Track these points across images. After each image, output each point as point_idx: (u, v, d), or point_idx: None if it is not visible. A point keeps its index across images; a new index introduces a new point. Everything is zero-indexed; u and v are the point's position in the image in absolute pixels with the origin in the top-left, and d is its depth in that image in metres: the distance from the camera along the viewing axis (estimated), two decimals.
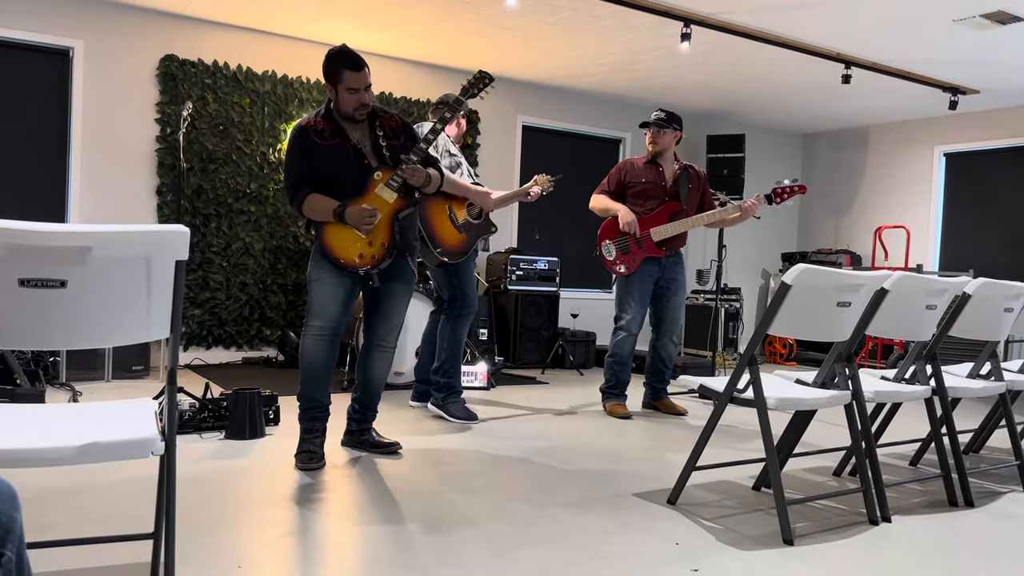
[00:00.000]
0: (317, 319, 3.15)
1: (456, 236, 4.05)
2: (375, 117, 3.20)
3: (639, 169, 4.61)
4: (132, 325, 1.72)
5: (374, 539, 2.33)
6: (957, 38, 5.57)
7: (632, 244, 4.50)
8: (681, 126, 4.63)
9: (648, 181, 4.55)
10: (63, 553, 2.11)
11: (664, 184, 4.55)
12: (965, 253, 7.82)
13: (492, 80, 3.42)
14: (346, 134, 3.12)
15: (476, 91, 3.43)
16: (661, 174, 4.57)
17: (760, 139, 8.88)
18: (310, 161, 3.09)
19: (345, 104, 3.07)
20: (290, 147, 3.13)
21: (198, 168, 5.88)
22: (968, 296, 3.04)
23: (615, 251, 4.55)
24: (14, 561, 1.09)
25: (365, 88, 3.06)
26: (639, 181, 4.57)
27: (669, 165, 4.60)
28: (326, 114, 3.15)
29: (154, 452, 1.66)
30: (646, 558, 2.26)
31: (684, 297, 4.70)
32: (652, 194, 4.54)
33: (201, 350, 5.95)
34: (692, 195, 4.59)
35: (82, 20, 5.51)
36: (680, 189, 4.56)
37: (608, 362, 4.65)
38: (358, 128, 3.16)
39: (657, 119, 4.59)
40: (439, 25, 5.79)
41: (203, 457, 3.20)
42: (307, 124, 3.12)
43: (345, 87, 3.04)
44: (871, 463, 2.76)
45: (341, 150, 3.10)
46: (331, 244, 3.11)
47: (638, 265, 4.51)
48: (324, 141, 3.09)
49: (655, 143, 4.57)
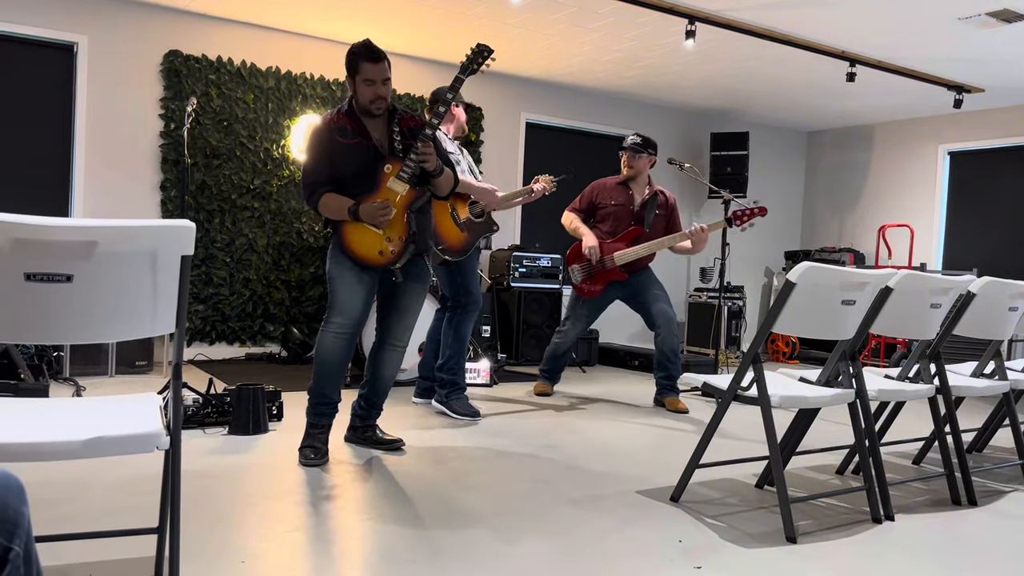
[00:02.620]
0: (339, 316, 3.14)
1: (458, 234, 4.05)
2: (394, 115, 3.18)
3: (610, 190, 4.84)
4: (137, 320, 1.72)
5: (377, 534, 2.33)
6: (962, 36, 5.55)
7: (596, 268, 4.77)
8: (656, 151, 4.85)
9: (617, 204, 4.80)
10: (69, 547, 2.11)
11: (632, 208, 4.79)
12: (969, 252, 7.81)
13: (491, 52, 3.28)
14: (367, 133, 3.11)
15: (476, 66, 3.28)
16: (631, 197, 4.81)
17: (764, 137, 8.87)
18: (329, 160, 3.07)
19: (362, 96, 3.06)
20: (310, 144, 3.10)
21: (202, 164, 5.88)
22: (972, 295, 3.04)
23: (581, 275, 4.83)
24: (22, 555, 1.09)
25: (383, 81, 3.04)
26: (608, 203, 4.82)
27: (640, 189, 4.84)
28: (348, 110, 3.13)
29: (159, 447, 1.66)
30: (649, 556, 2.26)
31: (662, 291, 4.81)
32: (619, 216, 4.80)
33: (204, 345, 5.96)
34: (658, 220, 4.83)
35: (86, 15, 5.52)
36: (647, 214, 4.79)
37: (548, 351, 5.05)
38: (378, 126, 3.14)
39: (633, 144, 4.79)
40: (443, 22, 5.78)
41: (207, 452, 3.20)
42: (329, 121, 3.10)
43: (362, 78, 3.03)
44: (874, 461, 2.76)
45: (361, 149, 3.08)
46: (351, 244, 3.08)
47: (602, 290, 4.81)
48: (346, 139, 3.08)
49: (630, 167, 4.79)
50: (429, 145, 3.07)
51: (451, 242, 4.02)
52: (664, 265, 8.22)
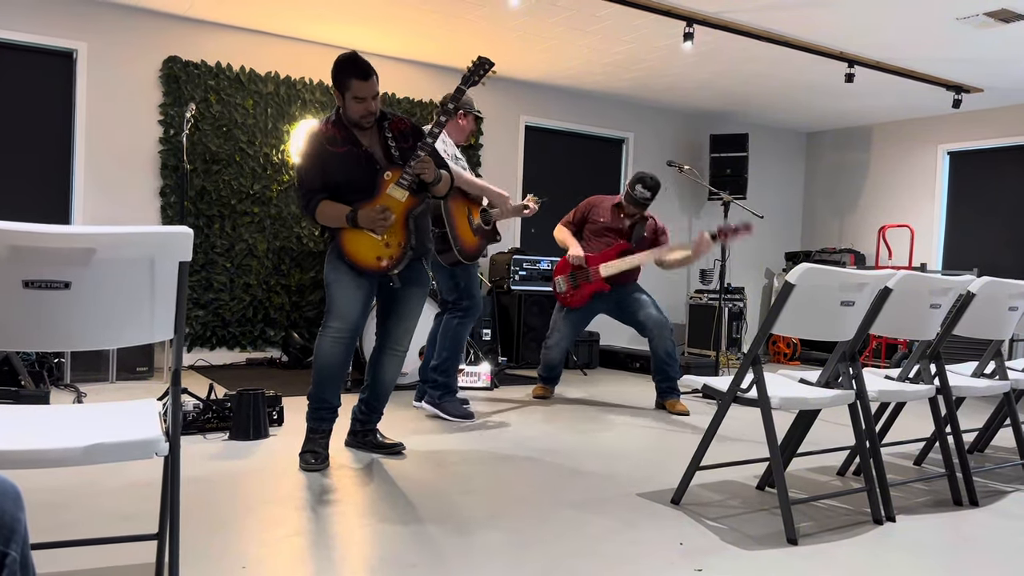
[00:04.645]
0: (337, 320, 3.14)
1: (472, 238, 4.07)
2: (383, 120, 3.19)
3: (603, 210, 4.89)
4: (136, 326, 1.72)
5: (378, 539, 2.33)
6: (960, 36, 5.56)
7: (581, 279, 4.79)
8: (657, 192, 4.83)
9: (606, 222, 4.85)
10: (68, 553, 2.11)
11: (621, 228, 4.84)
12: (969, 252, 7.80)
13: (492, 65, 3.30)
14: (357, 140, 3.12)
15: (477, 78, 3.30)
16: (622, 220, 4.86)
17: (763, 138, 8.87)
18: (322, 169, 3.09)
19: (352, 112, 3.07)
20: (303, 156, 3.12)
21: (201, 169, 5.88)
22: (972, 295, 3.04)
23: (565, 285, 4.87)
24: (18, 561, 1.09)
25: (372, 97, 3.04)
26: (598, 220, 4.86)
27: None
28: (336, 120, 3.14)
29: (158, 453, 1.66)
30: (650, 558, 2.26)
31: (648, 296, 4.84)
32: (608, 233, 4.85)
33: (205, 351, 5.96)
34: (646, 240, 4.87)
35: (85, 22, 5.53)
36: (635, 232, 4.85)
37: (541, 362, 5.06)
38: (367, 133, 3.15)
39: (642, 199, 4.74)
40: (442, 26, 5.79)
41: (207, 458, 3.20)
42: (318, 131, 3.12)
43: (352, 95, 3.03)
44: (875, 462, 2.75)
45: (352, 156, 3.09)
46: (348, 250, 3.09)
47: (586, 300, 4.82)
48: (336, 148, 3.09)
49: (631, 216, 4.84)
50: (428, 160, 3.08)
51: (466, 245, 4.03)
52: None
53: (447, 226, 3.95)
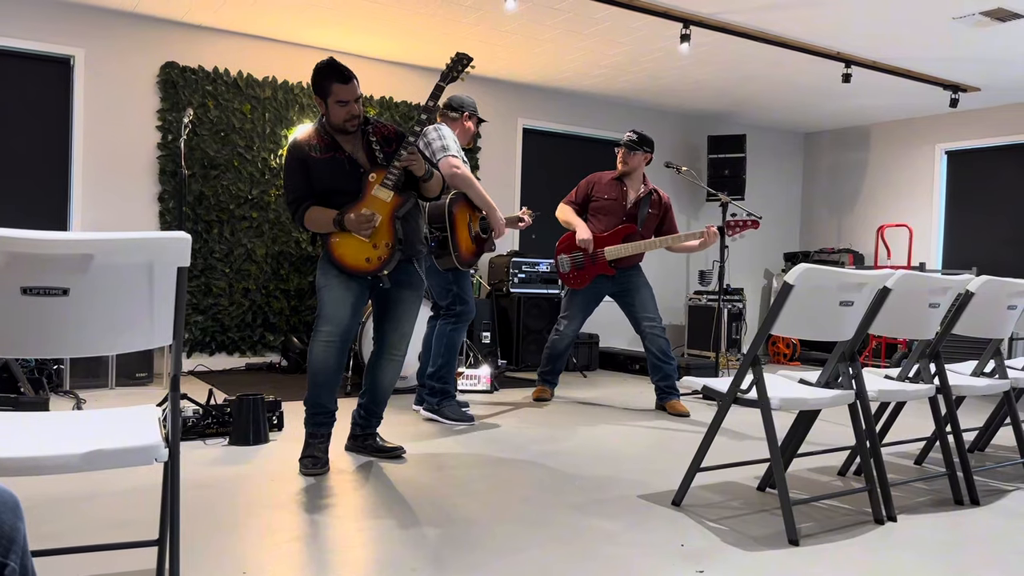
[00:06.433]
0: (327, 325, 3.15)
1: (470, 245, 4.09)
2: (367, 125, 3.21)
3: (604, 185, 4.86)
4: (135, 332, 1.72)
5: (380, 543, 2.33)
6: (957, 36, 5.56)
7: (586, 260, 4.77)
8: (652, 148, 4.87)
9: (611, 198, 4.81)
10: (67, 561, 2.11)
11: (625, 204, 4.80)
12: (968, 251, 7.81)
13: (471, 61, 3.37)
14: (339, 146, 3.13)
15: (456, 74, 3.37)
16: (625, 193, 4.81)
17: (761, 139, 8.88)
18: (307, 176, 3.11)
19: (335, 116, 3.08)
20: (287, 164, 3.15)
21: (199, 175, 5.89)
22: (971, 294, 3.04)
23: (569, 265, 4.83)
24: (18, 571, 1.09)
25: (355, 100, 3.06)
26: (602, 197, 4.83)
27: (635, 186, 4.85)
28: (319, 128, 3.17)
29: (158, 459, 1.66)
30: (651, 559, 2.26)
31: (649, 293, 4.83)
32: (612, 211, 4.80)
33: (204, 356, 5.96)
34: (651, 219, 4.84)
35: (83, 28, 5.53)
36: (640, 211, 4.81)
37: (545, 353, 5.02)
38: (350, 139, 3.17)
39: (629, 141, 4.81)
40: (439, 29, 5.79)
41: (207, 463, 3.20)
42: (301, 140, 3.14)
43: (335, 100, 3.04)
44: (876, 462, 2.75)
45: (336, 163, 3.11)
46: (338, 254, 3.10)
47: (589, 281, 4.81)
48: (319, 155, 3.11)
49: (625, 163, 4.81)
50: (415, 152, 3.10)
51: (464, 252, 4.04)
52: (664, 267, 8.22)
53: (448, 231, 3.96)
